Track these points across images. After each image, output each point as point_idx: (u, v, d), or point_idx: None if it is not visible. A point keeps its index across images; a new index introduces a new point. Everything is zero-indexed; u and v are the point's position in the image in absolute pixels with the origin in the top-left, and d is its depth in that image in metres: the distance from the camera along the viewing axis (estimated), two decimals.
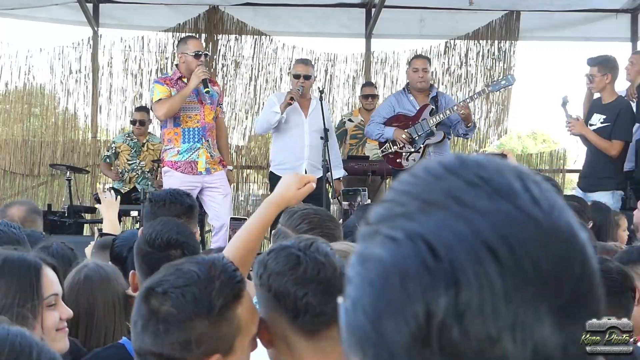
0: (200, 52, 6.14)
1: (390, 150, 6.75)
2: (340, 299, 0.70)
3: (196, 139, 6.13)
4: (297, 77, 6.62)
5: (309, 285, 1.62)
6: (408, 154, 6.69)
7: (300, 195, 2.54)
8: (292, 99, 6.40)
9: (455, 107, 6.61)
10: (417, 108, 6.77)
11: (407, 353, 0.62)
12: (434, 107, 6.76)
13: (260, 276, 1.66)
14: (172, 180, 6.06)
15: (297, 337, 1.64)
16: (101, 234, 4.11)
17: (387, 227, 0.65)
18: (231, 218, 5.19)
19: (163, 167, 6.28)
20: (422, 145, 6.68)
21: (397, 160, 6.73)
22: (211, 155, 6.19)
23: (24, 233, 2.91)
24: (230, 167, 6.76)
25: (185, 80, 6.10)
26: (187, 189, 6.00)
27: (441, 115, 6.65)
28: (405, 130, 6.66)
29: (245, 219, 3.00)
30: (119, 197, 4.60)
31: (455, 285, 0.61)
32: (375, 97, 8.19)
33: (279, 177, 6.61)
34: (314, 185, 2.56)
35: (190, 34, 7.91)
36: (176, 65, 6.36)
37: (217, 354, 1.58)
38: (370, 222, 0.68)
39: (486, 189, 0.64)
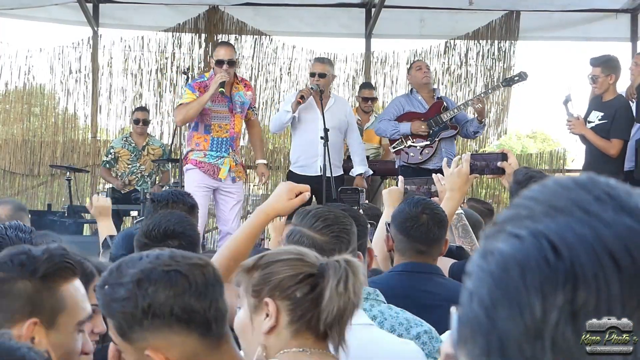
0: (223, 60, 6.11)
1: (402, 146, 6.83)
2: (453, 309, 0.73)
3: (223, 149, 6.23)
4: (312, 75, 6.72)
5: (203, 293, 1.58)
6: (422, 148, 6.76)
7: (291, 205, 2.53)
8: (302, 97, 6.44)
9: (471, 102, 6.86)
10: (427, 107, 6.92)
11: (517, 344, 0.64)
12: (445, 105, 6.92)
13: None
14: (193, 176, 6.16)
15: (208, 351, 1.58)
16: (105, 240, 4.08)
17: (512, 226, 0.68)
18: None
19: (186, 164, 6.28)
20: (436, 140, 6.79)
21: (411, 155, 6.83)
22: (235, 163, 6.31)
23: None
24: (264, 161, 6.80)
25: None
26: (204, 188, 6.09)
27: (455, 110, 6.85)
28: (424, 121, 6.79)
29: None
30: (108, 198, 4.37)
31: (573, 283, 0.63)
32: (374, 99, 8.19)
33: (296, 175, 6.72)
34: (308, 195, 2.56)
35: (224, 42, 7.70)
36: (201, 63, 6.42)
37: (35, 318, 1.71)
38: (496, 223, 0.70)
39: (612, 205, 0.67)
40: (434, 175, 3.82)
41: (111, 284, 1.57)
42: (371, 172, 7.16)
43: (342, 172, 6.89)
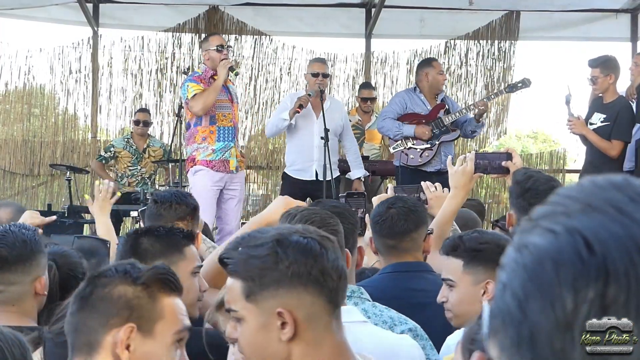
0: (223, 45, 6.23)
1: (401, 148, 6.78)
2: (485, 303, 0.74)
3: (230, 138, 6.23)
4: (315, 75, 6.64)
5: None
6: (422, 150, 6.73)
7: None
8: (300, 106, 6.42)
9: (472, 106, 6.81)
10: (429, 108, 6.85)
11: (548, 336, 0.66)
12: (448, 107, 6.86)
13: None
14: (205, 179, 6.11)
15: (329, 318, 1.63)
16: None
17: (547, 221, 0.70)
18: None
19: (194, 166, 6.22)
20: (437, 143, 6.74)
21: (411, 157, 6.77)
22: (241, 154, 6.36)
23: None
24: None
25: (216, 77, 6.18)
26: (214, 188, 6.09)
27: (457, 114, 6.78)
28: (427, 127, 6.73)
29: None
30: (116, 195, 4.20)
31: (605, 278, 0.64)
32: (373, 100, 8.17)
33: (290, 178, 6.71)
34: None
35: (214, 32, 7.92)
36: (203, 64, 6.39)
37: (132, 323, 1.71)
38: (531, 218, 0.72)
39: None
40: (422, 183, 3.80)
41: (246, 246, 1.61)
42: (367, 173, 7.14)
43: (339, 174, 6.89)
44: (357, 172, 6.92)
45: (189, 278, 2.43)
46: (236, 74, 6.23)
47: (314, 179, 6.59)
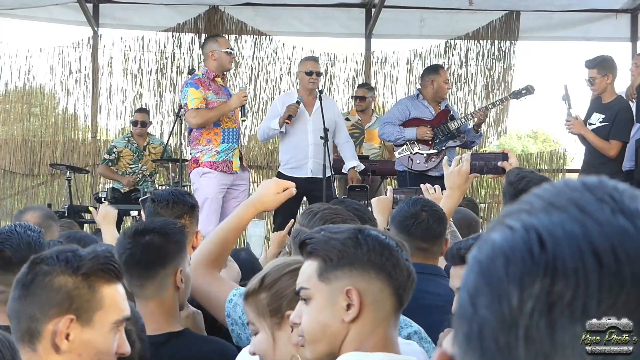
0: (232, 50, 6.31)
1: (407, 153, 6.73)
2: None
3: (233, 140, 6.25)
4: (309, 74, 6.65)
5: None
6: (428, 155, 6.70)
7: (279, 199, 2.70)
8: (289, 117, 6.45)
9: (472, 114, 6.79)
10: (434, 113, 6.81)
11: (493, 333, 0.66)
12: (452, 113, 6.84)
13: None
14: (211, 181, 6.10)
15: (391, 309, 1.70)
16: None
17: (510, 219, 0.70)
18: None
19: (197, 167, 6.19)
20: (443, 148, 6.71)
21: (417, 162, 6.72)
22: (241, 154, 6.38)
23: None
24: None
25: (218, 80, 6.22)
26: (222, 190, 6.09)
27: (463, 120, 6.78)
28: (429, 127, 6.70)
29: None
30: (114, 209, 4.32)
31: (552, 275, 0.64)
32: (364, 99, 8.07)
33: (286, 177, 6.71)
34: (294, 191, 2.71)
35: (217, 34, 7.91)
36: (204, 65, 6.36)
37: (72, 314, 1.74)
38: (500, 216, 0.73)
39: (612, 206, 0.67)
40: (422, 186, 3.81)
41: (329, 231, 1.70)
42: (363, 166, 7.11)
43: (333, 172, 6.88)
44: (351, 162, 6.87)
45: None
46: (243, 120, 6.37)
47: (309, 175, 6.60)
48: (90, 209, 4.57)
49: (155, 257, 2.42)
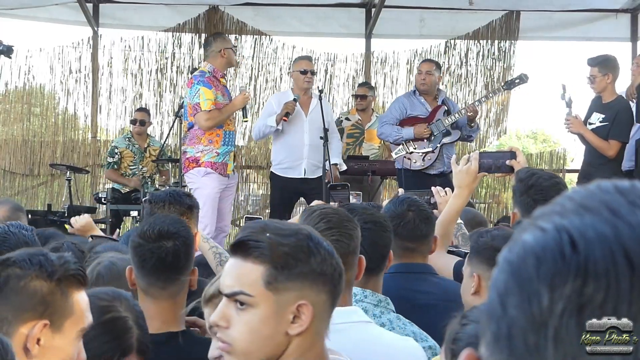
0: (235, 46, 6.39)
1: (403, 153, 6.71)
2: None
3: (232, 143, 6.26)
4: (304, 72, 6.65)
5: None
6: (424, 154, 6.69)
7: None
8: (287, 115, 6.42)
9: (464, 110, 6.73)
10: (429, 110, 6.79)
11: (523, 332, 0.66)
12: (447, 108, 6.80)
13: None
14: (212, 182, 6.09)
15: (329, 319, 1.63)
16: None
17: (541, 220, 0.70)
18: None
19: (198, 167, 6.15)
20: (438, 145, 6.68)
21: (413, 161, 6.70)
22: (235, 158, 6.39)
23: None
24: None
25: (222, 80, 6.24)
26: (219, 191, 6.11)
27: (457, 115, 6.70)
28: (426, 125, 6.68)
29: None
30: (85, 215, 4.20)
31: (583, 276, 0.64)
32: (364, 97, 8.05)
33: (279, 177, 6.69)
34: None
35: (219, 32, 7.95)
36: (209, 63, 6.29)
37: (46, 319, 1.73)
38: (531, 218, 0.72)
39: None
40: (433, 188, 3.80)
41: (275, 233, 1.56)
42: (345, 167, 7.09)
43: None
44: (335, 159, 6.71)
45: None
46: (245, 121, 6.46)
47: (302, 176, 6.60)
48: (67, 227, 4.53)
49: (184, 262, 2.44)
